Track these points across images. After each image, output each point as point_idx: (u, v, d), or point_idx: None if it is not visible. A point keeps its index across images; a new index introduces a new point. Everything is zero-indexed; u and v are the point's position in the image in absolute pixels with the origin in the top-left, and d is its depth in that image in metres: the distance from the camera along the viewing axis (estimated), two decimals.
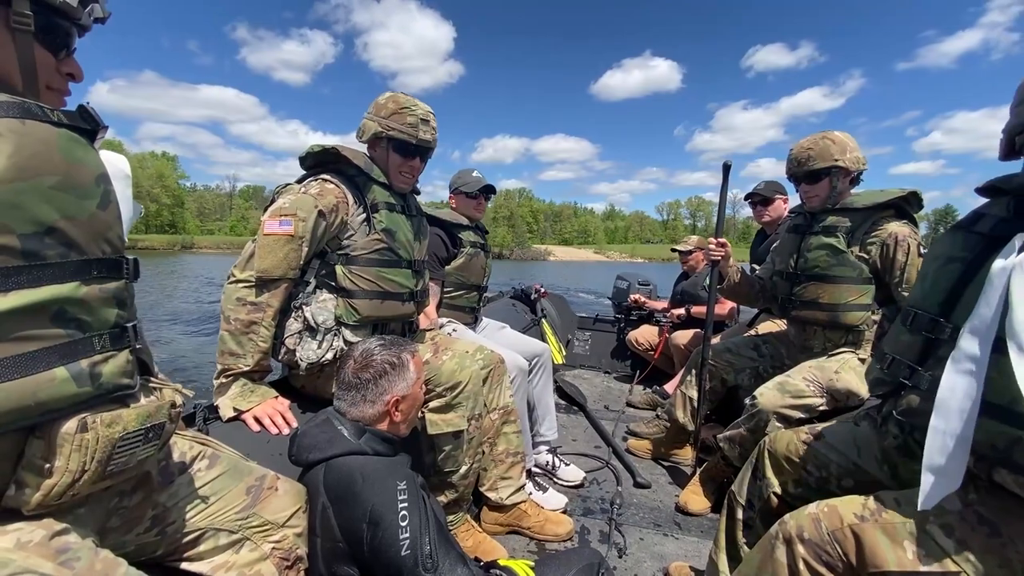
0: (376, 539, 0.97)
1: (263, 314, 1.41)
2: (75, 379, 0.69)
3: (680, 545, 1.86)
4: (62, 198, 0.68)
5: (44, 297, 0.66)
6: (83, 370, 0.70)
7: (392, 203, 1.64)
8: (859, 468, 1.21)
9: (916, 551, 0.86)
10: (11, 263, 0.63)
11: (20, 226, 0.64)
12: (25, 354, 0.65)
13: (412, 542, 0.97)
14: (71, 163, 0.70)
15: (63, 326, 0.69)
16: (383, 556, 0.96)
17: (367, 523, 0.98)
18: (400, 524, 0.97)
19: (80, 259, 0.71)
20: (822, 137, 1.95)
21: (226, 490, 0.96)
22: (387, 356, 1.21)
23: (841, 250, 1.92)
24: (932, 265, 1.10)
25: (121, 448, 0.73)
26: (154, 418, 0.78)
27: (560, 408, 3.17)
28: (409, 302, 1.68)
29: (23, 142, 0.65)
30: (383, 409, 1.19)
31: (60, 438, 0.68)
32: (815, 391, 1.83)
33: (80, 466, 0.69)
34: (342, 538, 1.00)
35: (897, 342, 1.13)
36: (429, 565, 0.96)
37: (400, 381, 1.20)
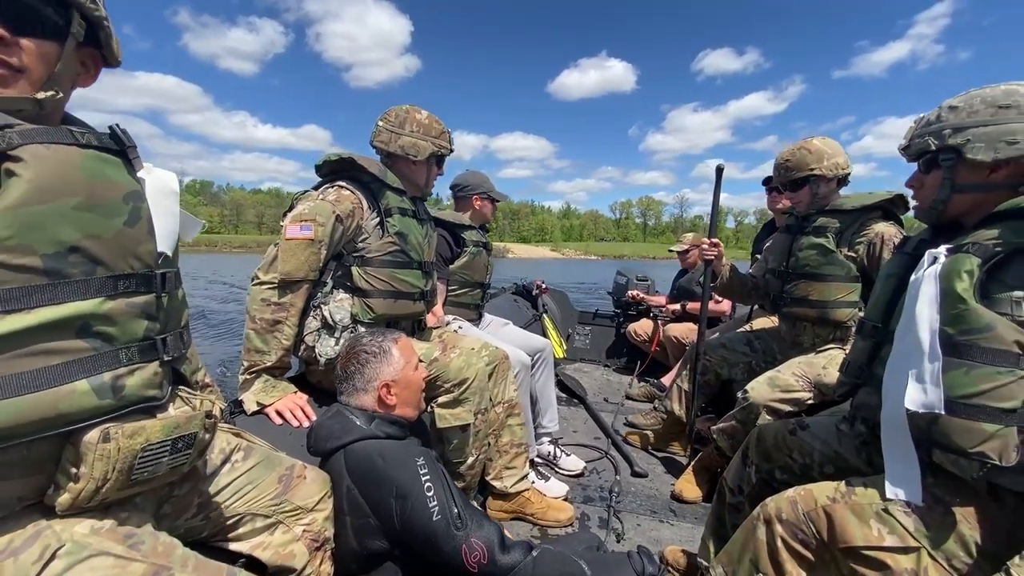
0: (407, 511, 1.07)
1: (287, 313, 1.52)
2: (96, 391, 0.71)
3: (675, 531, 1.97)
4: (85, 217, 0.71)
5: (68, 313, 0.69)
6: (105, 383, 0.72)
7: (404, 208, 1.74)
8: (839, 456, 1.31)
9: (880, 528, 0.96)
10: (34, 282, 0.66)
11: (42, 246, 0.67)
12: (48, 367, 0.67)
13: (441, 507, 1.07)
14: (94, 183, 0.73)
15: (88, 340, 0.71)
16: (416, 524, 1.06)
17: (395, 498, 1.08)
18: (427, 494, 1.08)
19: (106, 275, 0.73)
20: (799, 147, 2.06)
21: (261, 479, 1.05)
22: (369, 346, 1.31)
23: (831, 250, 2.01)
24: (879, 282, 1.26)
25: (145, 458, 0.75)
26: (183, 429, 0.80)
27: (561, 401, 3.27)
28: (419, 301, 1.78)
29: (44, 166, 0.68)
30: (375, 395, 1.28)
31: (84, 447, 0.71)
32: (804, 385, 1.92)
33: (103, 474, 0.72)
34: (372, 514, 1.11)
35: (854, 348, 1.28)
36: (460, 524, 1.07)
37: (386, 367, 1.28)
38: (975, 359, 0.93)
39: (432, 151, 1.81)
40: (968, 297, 0.95)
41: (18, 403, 0.65)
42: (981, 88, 1.08)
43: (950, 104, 1.10)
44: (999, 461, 0.90)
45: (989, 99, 1.04)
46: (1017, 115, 1.01)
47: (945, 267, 0.99)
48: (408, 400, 1.32)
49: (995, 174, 1.05)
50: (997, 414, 0.90)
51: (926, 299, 0.99)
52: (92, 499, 0.72)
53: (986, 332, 0.92)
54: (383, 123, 1.80)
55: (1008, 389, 0.90)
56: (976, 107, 1.05)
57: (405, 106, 1.82)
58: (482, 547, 1.06)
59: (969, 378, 0.93)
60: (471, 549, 1.05)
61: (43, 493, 0.73)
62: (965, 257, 0.98)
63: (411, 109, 1.82)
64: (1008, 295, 0.94)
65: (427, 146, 1.80)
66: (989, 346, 0.92)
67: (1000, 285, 0.95)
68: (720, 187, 2.32)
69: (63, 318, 0.69)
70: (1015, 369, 0.90)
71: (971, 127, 1.05)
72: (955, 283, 0.96)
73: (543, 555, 1.09)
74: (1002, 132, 1.02)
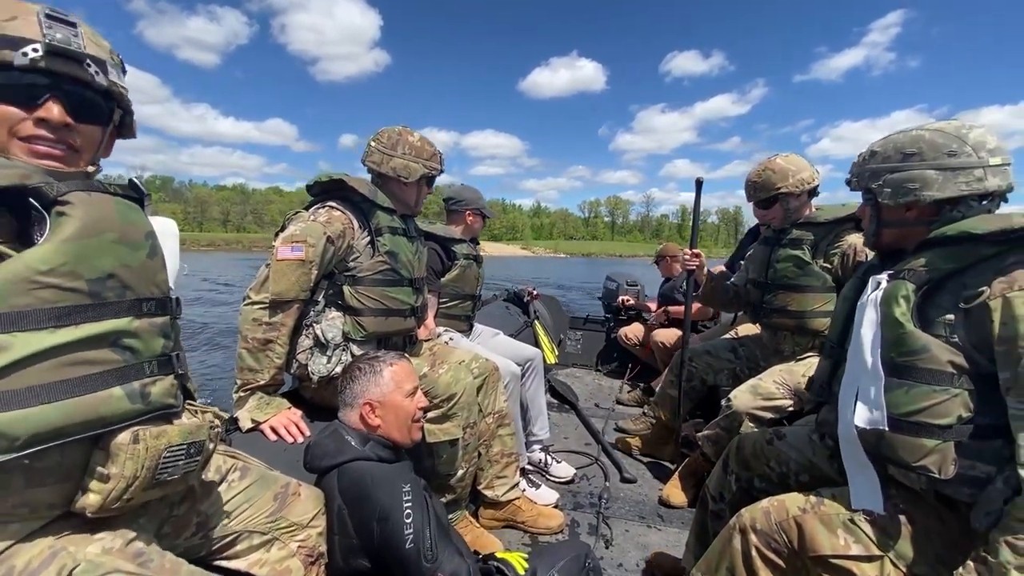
0: (385, 534, 1.11)
1: (278, 333, 1.55)
2: (129, 397, 0.81)
3: (662, 536, 2.02)
4: (119, 250, 0.82)
5: (105, 329, 0.79)
6: (136, 390, 0.82)
7: (395, 226, 1.78)
8: (814, 465, 1.37)
9: (847, 538, 1.02)
10: (80, 302, 0.77)
11: (88, 272, 0.78)
12: (90, 375, 0.77)
13: (416, 536, 1.11)
14: (125, 223, 0.85)
15: (119, 352, 0.81)
16: (391, 548, 1.11)
17: (376, 520, 1.12)
18: (405, 521, 1.12)
19: (134, 298, 0.84)
20: (764, 168, 2.15)
21: (257, 497, 1.09)
22: (362, 362, 1.35)
23: (806, 261, 2.08)
24: (837, 304, 1.36)
25: (167, 459, 0.84)
26: (195, 436, 0.89)
27: (552, 407, 3.32)
28: (410, 317, 1.82)
29: (90, 208, 0.80)
30: (359, 412, 1.30)
31: (116, 447, 0.78)
32: (785, 393, 1.99)
33: (133, 473, 0.79)
34: (355, 534, 1.15)
35: (818, 367, 1.37)
36: (430, 556, 1.11)
37: (372, 386, 1.31)
38: (914, 379, 1.00)
39: (423, 173, 1.85)
40: (905, 321, 1.02)
41: (67, 405, 0.74)
42: (900, 132, 1.17)
43: (872, 149, 1.21)
44: (939, 474, 0.97)
45: (900, 145, 1.14)
46: (918, 162, 1.10)
47: (885, 293, 1.07)
48: (393, 425, 1.32)
49: (909, 213, 1.15)
50: (935, 430, 0.97)
51: (869, 323, 1.07)
52: (119, 499, 0.79)
53: (922, 353, 0.99)
54: (375, 144, 1.83)
55: (944, 407, 0.97)
56: (889, 153, 1.16)
57: (398, 128, 1.86)
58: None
59: (909, 397, 1.00)
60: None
61: (70, 501, 0.80)
62: (902, 283, 1.05)
63: (403, 131, 1.86)
64: (942, 318, 1.01)
65: (418, 168, 1.84)
66: (926, 366, 0.99)
67: (935, 308, 1.02)
68: (700, 199, 2.38)
69: (102, 333, 0.79)
70: (949, 388, 0.97)
71: (884, 172, 1.15)
72: (893, 308, 1.04)
73: None
74: (905, 179, 1.11)
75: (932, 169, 1.08)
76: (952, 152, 1.07)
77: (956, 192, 1.07)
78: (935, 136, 1.10)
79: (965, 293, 0.98)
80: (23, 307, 0.71)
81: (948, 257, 1.03)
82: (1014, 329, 0.91)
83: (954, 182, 1.07)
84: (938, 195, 1.08)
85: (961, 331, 0.98)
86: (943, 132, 1.10)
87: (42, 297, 0.73)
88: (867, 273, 1.23)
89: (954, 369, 0.97)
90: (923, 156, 1.10)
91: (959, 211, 1.09)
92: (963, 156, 1.06)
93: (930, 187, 1.08)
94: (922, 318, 1.03)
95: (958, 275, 1.01)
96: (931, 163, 1.08)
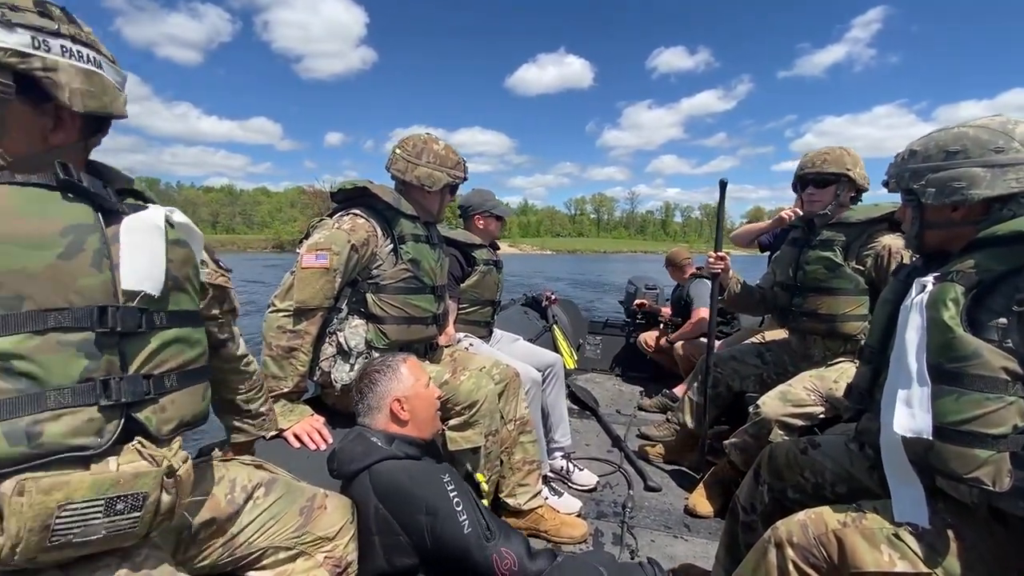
0: (438, 527, 1.13)
1: (302, 340, 1.56)
2: (6, 437, 0.65)
3: (689, 546, 1.97)
4: (9, 250, 0.67)
5: None
6: (19, 428, 0.66)
7: (418, 234, 1.78)
8: (851, 476, 1.31)
9: (891, 554, 0.97)
10: None
11: None
12: None
13: (471, 521, 1.14)
14: (25, 216, 0.70)
15: (8, 380, 0.67)
16: (448, 539, 1.12)
17: (425, 515, 1.14)
18: (456, 509, 1.14)
19: (32, 309, 0.68)
20: (840, 147, 2.07)
21: (283, 513, 1.07)
22: (378, 366, 1.37)
23: (838, 263, 2.02)
24: (877, 308, 1.30)
25: (65, 518, 0.67)
26: (125, 487, 0.71)
27: (573, 413, 3.28)
28: (432, 325, 1.82)
29: None
30: (387, 412, 1.33)
31: (1, 498, 0.64)
32: (815, 400, 1.92)
33: (16, 532, 0.64)
34: (402, 532, 1.16)
35: (857, 373, 1.31)
36: (490, 536, 1.14)
37: (395, 383, 1.34)
38: (964, 386, 0.95)
39: (447, 182, 1.85)
40: (955, 325, 0.97)
41: None
42: (940, 130, 1.13)
43: (911, 148, 1.16)
44: (992, 487, 0.92)
45: (942, 143, 1.09)
46: (963, 159, 1.05)
47: (932, 296, 1.02)
48: (422, 416, 1.37)
49: (955, 213, 1.10)
50: (988, 440, 0.92)
51: (914, 328, 1.02)
52: (12, 559, 0.65)
53: (973, 359, 0.94)
54: (400, 151, 1.84)
55: (998, 415, 0.92)
56: (931, 152, 1.11)
57: (423, 135, 1.87)
58: (512, 556, 1.13)
59: (959, 405, 0.95)
60: (502, 558, 1.12)
61: None
62: (950, 286, 1.00)
63: (428, 139, 1.86)
64: (994, 322, 0.96)
65: (443, 177, 1.83)
66: (977, 373, 0.94)
67: (986, 312, 0.97)
68: (724, 201, 2.32)
69: None
70: (1004, 395, 0.92)
71: (926, 172, 1.11)
72: (941, 312, 0.99)
73: (566, 562, 1.18)
74: (951, 177, 1.07)
75: (979, 166, 1.03)
76: (999, 148, 1.02)
77: (1006, 189, 1.02)
78: (980, 132, 1.05)
79: (1019, 296, 0.93)
80: None
81: (1000, 257, 0.98)
82: None
83: (1003, 179, 1.02)
84: (987, 193, 1.03)
85: (1015, 335, 0.93)
86: (988, 128, 1.05)
87: None
88: (911, 276, 1.18)
89: (1008, 376, 0.92)
90: (968, 153, 1.05)
91: (1009, 209, 1.04)
92: (1011, 152, 1.02)
93: (978, 185, 1.04)
94: (972, 322, 0.98)
95: (1011, 276, 0.96)
96: (977, 160, 1.04)
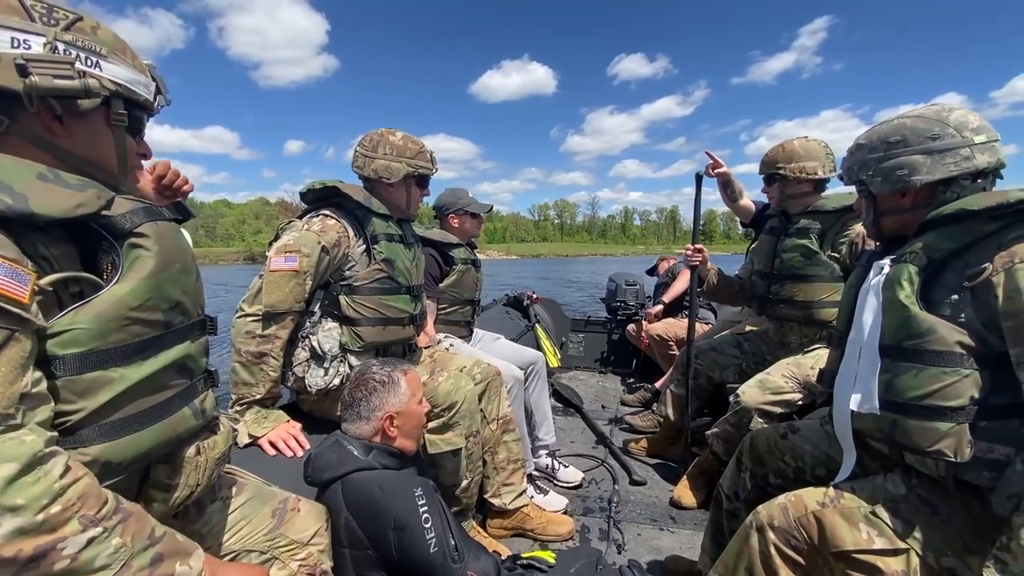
0: (404, 542, 1.08)
1: (272, 345, 1.51)
2: (194, 415, 0.88)
3: (676, 538, 1.97)
4: (182, 278, 0.86)
5: (176, 355, 0.84)
6: (197, 407, 0.89)
7: (391, 233, 1.74)
8: (830, 458, 1.33)
9: (870, 531, 0.98)
10: (158, 332, 0.81)
11: (162, 304, 0.81)
12: (167, 399, 0.83)
13: (438, 539, 1.08)
14: (183, 249, 0.88)
15: (184, 375, 0.87)
16: (413, 556, 1.07)
17: (392, 529, 1.09)
18: (424, 526, 1.09)
19: (190, 322, 0.89)
20: (779, 145, 2.15)
21: (253, 514, 1.05)
22: (378, 374, 1.31)
23: (814, 251, 2.05)
24: (843, 293, 1.34)
25: (217, 465, 0.93)
26: (229, 441, 0.98)
27: (557, 411, 3.28)
28: (409, 326, 1.78)
29: (162, 240, 0.82)
30: (377, 425, 1.27)
31: (184, 461, 0.87)
32: (793, 387, 1.95)
33: (196, 481, 0.89)
34: (370, 546, 1.11)
35: (828, 359, 1.35)
36: (456, 557, 1.09)
37: (392, 397, 1.29)
38: (923, 362, 0.98)
39: (407, 172, 1.79)
40: (910, 304, 1.01)
41: (155, 429, 0.80)
42: (882, 123, 1.18)
43: (858, 142, 1.22)
44: (955, 458, 0.95)
45: (883, 135, 1.15)
46: (904, 148, 1.11)
47: (888, 277, 1.07)
48: (409, 433, 1.33)
49: (903, 200, 1.15)
50: (948, 412, 0.96)
51: (870, 309, 1.07)
52: (181, 505, 0.88)
53: (929, 335, 0.97)
54: (359, 148, 1.80)
55: (954, 388, 0.95)
56: (874, 143, 1.16)
57: (381, 129, 1.83)
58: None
59: (918, 380, 0.98)
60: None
61: None
62: (904, 267, 1.05)
63: (385, 132, 1.82)
64: (947, 298, 0.99)
65: (401, 167, 1.78)
66: (933, 348, 0.97)
67: (939, 289, 1.01)
68: (700, 194, 2.34)
69: (174, 359, 0.84)
70: (959, 368, 0.95)
71: (872, 164, 1.17)
72: (897, 292, 1.03)
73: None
74: (894, 166, 1.12)
75: (918, 154, 1.09)
76: (935, 135, 1.08)
77: (946, 173, 1.07)
78: (916, 122, 1.11)
79: (968, 271, 0.97)
80: (119, 342, 0.75)
81: (948, 237, 1.02)
82: (1020, 302, 0.89)
83: (942, 164, 1.07)
84: (928, 178, 1.08)
85: (968, 310, 0.97)
86: (923, 117, 1.11)
87: (132, 332, 0.77)
88: (870, 260, 1.22)
89: (963, 349, 0.95)
90: (907, 143, 1.10)
91: (953, 192, 1.09)
92: (947, 138, 1.07)
93: (919, 171, 1.09)
94: (927, 300, 1.02)
95: (960, 254, 1.00)
96: (916, 148, 1.09)
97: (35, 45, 0.72)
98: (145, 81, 0.87)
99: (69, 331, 0.70)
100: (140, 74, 0.86)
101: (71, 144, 0.80)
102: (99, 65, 0.79)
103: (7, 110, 0.74)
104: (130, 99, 0.84)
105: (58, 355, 0.70)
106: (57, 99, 0.75)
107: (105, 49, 0.80)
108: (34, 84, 0.71)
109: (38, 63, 0.71)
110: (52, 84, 0.72)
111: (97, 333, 0.72)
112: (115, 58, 0.82)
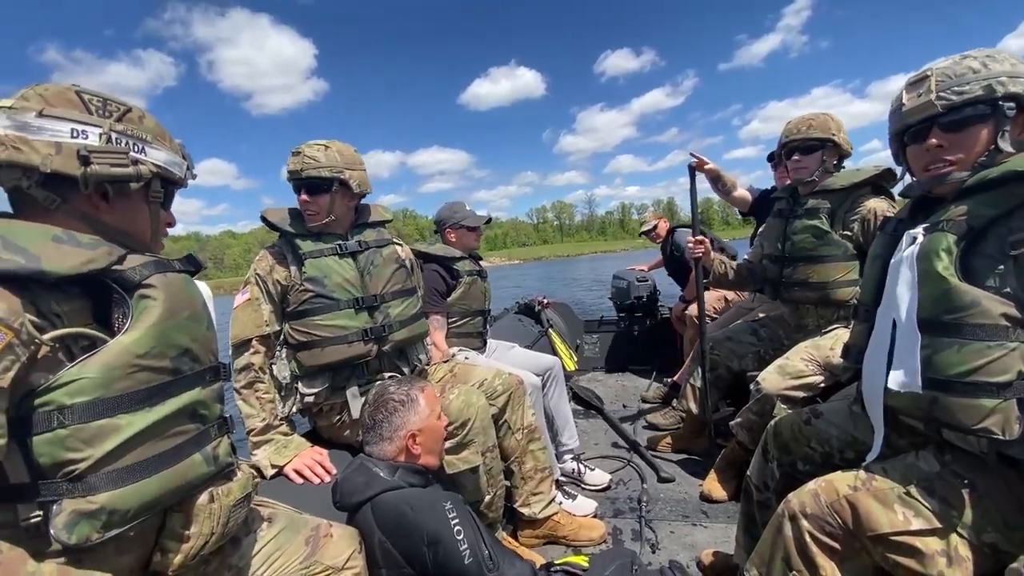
0: (439, 556, 1.09)
1: (253, 373, 1.57)
2: (205, 461, 0.88)
3: (709, 533, 1.95)
4: (191, 325, 0.89)
5: (185, 401, 0.85)
6: (209, 453, 0.89)
7: (320, 249, 1.67)
8: (857, 440, 1.30)
9: (906, 512, 0.96)
10: (166, 379, 0.83)
11: (170, 351, 0.84)
12: (177, 446, 0.83)
13: (472, 550, 1.10)
14: (192, 298, 0.91)
15: (195, 421, 0.88)
16: (449, 569, 1.09)
17: (427, 545, 1.10)
18: (457, 539, 1.10)
19: (201, 369, 0.90)
20: (823, 113, 2.07)
21: (288, 544, 1.06)
22: (397, 394, 1.32)
23: (825, 231, 2.02)
24: (868, 264, 1.27)
25: (233, 513, 0.92)
26: (246, 488, 0.97)
27: (578, 414, 3.26)
28: (359, 342, 1.66)
29: (169, 290, 0.86)
30: (401, 444, 1.29)
31: (196, 509, 0.86)
32: (814, 369, 1.92)
33: (210, 530, 0.87)
34: (406, 564, 1.12)
35: (852, 332, 1.29)
36: (491, 566, 1.10)
37: (412, 415, 1.30)
38: (965, 336, 0.93)
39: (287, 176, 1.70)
40: (949, 276, 0.95)
41: (163, 476, 0.80)
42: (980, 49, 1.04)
43: (987, 54, 1.02)
44: (1003, 435, 0.90)
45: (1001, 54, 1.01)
46: None
47: (923, 247, 1.00)
48: (431, 449, 1.34)
49: None
50: (994, 389, 0.91)
51: (904, 282, 1.00)
52: (198, 556, 0.86)
53: (972, 308, 0.93)
54: None
55: (1001, 363, 0.91)
56: (1011, 58, 1.00)
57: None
58: None
59: (961, 356, 0.93)
60: None
61: (145, 564, 0.86)
62: (941, 235, 0.98)
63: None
64: (990, 268, 0.94)
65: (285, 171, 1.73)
66: (976, 322, 0.92)
67: (980, 259, 0.96)
68: (695, 185, 2.33)
69: (183, 406, 0.85)
70: (1005, 342, 0.91)
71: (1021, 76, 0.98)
72: (935, 263, 0.97)
73: None
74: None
75: None
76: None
77: None
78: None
79: (1012, 238, 0.92)
80: (125, 390, 0.77)
81: (990, 202, 0.96)
82: None
83: None
84: None
85: (1012, 280, 0.92)
86: None
87: (139, 379, 0.79)
88: (897, 228, 1.15)
89: (1008, 322, 0.90)
90: None
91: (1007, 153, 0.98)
92: None
93: None
94: (967, 270, 0.96)
95: (1002, 220, 0.94)
96: None
97: (92, 135, 0.81)
98: (179, 161, 0.95)
99: (76, 381, 0.73)
100: (176, 155, 0.95)
101: (113, 219, 0.88)
102: (144, 151, 0.88)
103: (60, 191, 0.81)
104: (167, 179, 0.93)
105: (66, 404, 0.72)
106: (110, 183, 0.83)
107: (150, 136, 0.89)
108: (94, 172, 0.80)
109: (99, 153, 0.80)
110: (109, 172, 0.82)
111: (102, 382, 0.75)
112: (157, 143, 0.90)
